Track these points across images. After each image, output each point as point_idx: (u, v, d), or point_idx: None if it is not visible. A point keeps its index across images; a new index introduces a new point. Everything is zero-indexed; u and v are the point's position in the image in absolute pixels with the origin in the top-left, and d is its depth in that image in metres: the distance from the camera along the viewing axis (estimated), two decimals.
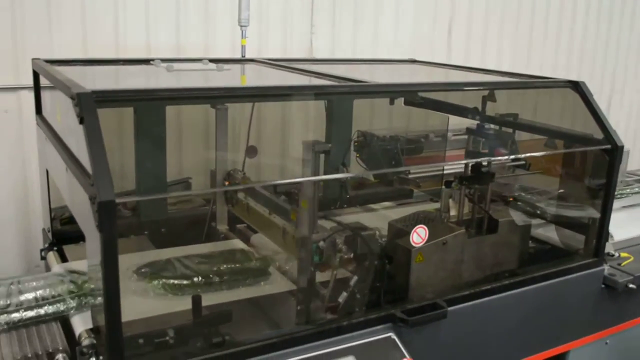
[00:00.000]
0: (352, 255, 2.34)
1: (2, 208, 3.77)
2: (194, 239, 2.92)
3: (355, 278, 2.34)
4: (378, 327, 2.24)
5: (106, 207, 1.66)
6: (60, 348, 2.07)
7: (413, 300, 2.41)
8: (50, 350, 2.06)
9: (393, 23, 4.82)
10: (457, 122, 3.48)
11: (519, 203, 3.23)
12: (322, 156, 2.39)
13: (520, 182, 3.57)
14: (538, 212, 3.15)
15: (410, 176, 3.69)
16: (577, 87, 2.84)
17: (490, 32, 5.27)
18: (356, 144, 3.55)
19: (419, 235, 2.35)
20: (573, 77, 5.21)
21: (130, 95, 2.07)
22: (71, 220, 2.99)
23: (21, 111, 3.76)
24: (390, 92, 3.07)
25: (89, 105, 1.79)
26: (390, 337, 2.22)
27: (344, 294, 2.31)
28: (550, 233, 3.15)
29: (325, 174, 3.40)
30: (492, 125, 3.24)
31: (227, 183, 2.91)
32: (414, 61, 3.83)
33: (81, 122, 1.77)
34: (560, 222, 3.08)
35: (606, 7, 5.94)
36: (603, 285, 2.87)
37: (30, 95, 3.68)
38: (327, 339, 2.15)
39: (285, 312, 2.40)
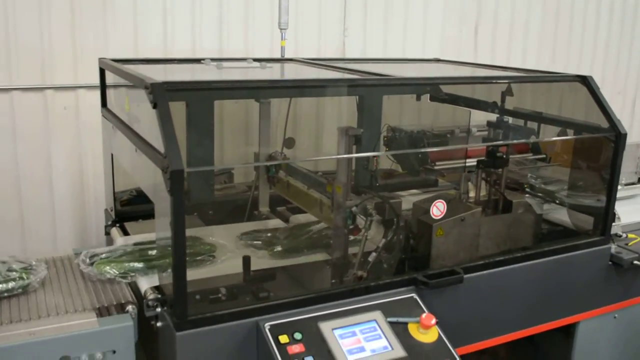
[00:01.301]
0: (380, 220, 2.75)
1: (61, 197, 4.25)
2: (238, 219, 3.37)
3: (383, 241, 2.75)
4: (402, 288, 2.64)
5: (177, 175, 2.10)
6: (130, 300, 2.52)
7: (434, 268, 2.81)
8: (122, 302, 2.51)
9: (421, 25, 5.23)
10: (482, 118, 3.88)
11: (535, 188, 3.60)
12: (353, 140, 2.79)
13: (540, 173, 3.94)
14: (551, 197, 3.52)
15: (435, 167, 4.09)
16: (585, 81, 3.21)
17: (516, 32, 5.64)
18: (386, 138, 3.96)
19: (438, 209, 2.75)
20: (597, 76, 5.59)
21: (193, 85, 2.52)
22: (130, 202, 3.48)
23: (78, 108, 4.24)
24: (408, 84, 3.49)
25: (160, 93, 2.23)
26: (412, 297, 2.62)
27: (373, 254, 2.72)
28: (564, 217, 3.52)
29: (356, 164, 3.85)
30: (510, 118, 3.63)
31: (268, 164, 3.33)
32: (437, 60, 4.24)
33: (154, 107, 2.21)
34: (571, 205, 3.45)
35: (631, 5, 6.26)
36: (610, 262, 3.22)
37: (87, 93, 4.20)
38: (358, 297, 2.55)
39: (323, 276, 2.82)
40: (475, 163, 3.36)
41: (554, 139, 3.46)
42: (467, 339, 2.85)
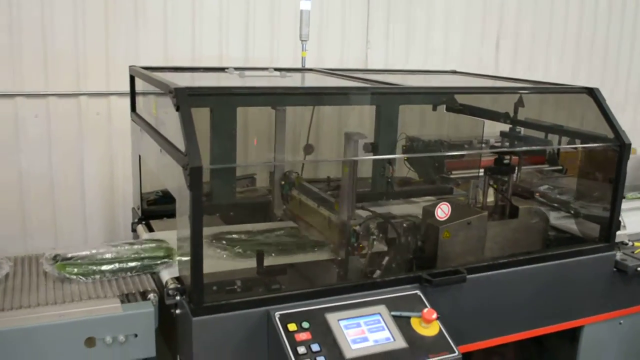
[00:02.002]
0: (383, 239, 2.97)
1: (91, 198, 4.54)
2: (255, 220, 3.60)
3: (387, 253, 2.96)
4: (407, 285, 2.84)
5: (196, 171, 2.33)
6: (152, 289, 2.76)
7: (439, 268, 3.00)
8: (144, 291, 2.75)
9: (443, 39, 5.44)
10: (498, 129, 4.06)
11: (545, 196, 3.77)
12: (360, 144, 3.00)
13: (556, 183, 4.11)
14: (560, 205, 3.69)
15: (451, 176, 4.28)
16: (592, 93, 3.38)
17: (537, 47, 5.81)
18: (404, 147, 4.16)
19: (442, 211, 2.95)
20: (620, 92, 5.72)
21: (213, 90, 2.77)
22: (155, 202, 3.74)
23: (110, 114, 4.53)
24: (416, 93, 3.70)
25: (183, 97, 2.47)
26: (417, 294, 2.81)
27: (380, 261, 2.94)
28: (574, 226, 3.68)
29: (373, 172, 4.07)
30: (521, 129, 3.81)
31: (282, 182, 3.56)
32: (454, 72, 4.44)
33: (177, 109, 2.45)
34: (578, 213, 3.61)
35: None
36: (615, 269, 3.37)
37: (118, 100, 4.49)
38: (364, 292, 2.75)
39: (331, 273, 3.04)
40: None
41: (558, 147, 3.64)
42: (470, 337, 3.02)
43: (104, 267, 2.84)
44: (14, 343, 2.42)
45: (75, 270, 2.81)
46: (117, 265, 2.85)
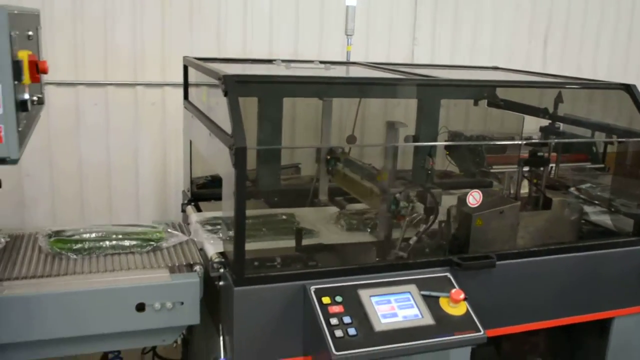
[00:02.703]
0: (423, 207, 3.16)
1: (145, 183, 4.87)
2: (299, 205, 3.84)
3: (423, 226, 3.15)
4: (438, 268, 3.03)
5: (240, 151, 2.58)
6: (198, 262, 3.03)
7: (471, 253, 3.18)
8: (191, 263, 3.02)
9: (490, 37, 5.58)
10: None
11: (582, 191, 3.90)
12: (400, 132, 3.21)
13: (596, 181, 4.24)
14: (596, 199, 3.83)
15: (491, 170, 4.44)
16: (628, 89, 3.51)
17: (586, 45, 5.89)
18: (446, 141, 4.34)
19: (474, 198, 3.13)
20: None
21: (259, 78, 3.02)
22: (204, 185, 4.02)
23: (165, 103, 4.85)
24: (453, 85, 3.87)
25: (231, 84, 2.72)
26: (446, 276, 2.99)
27: (414, 238, 3.13)
28: (609, 221, 3.81)
29: (414, 164, 4.26)
30: (560, 124, 3.95)
31: (328, 157, 3.79)
32: (496, 68, 4.60)
33: (225, 95, 2.71)
34: (613, 208, 3.73)
35: None
36: None
37: (172, 90, 4.79)
38: (397, 271, 2.96)
39: (366, 253, 3.25)
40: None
41: (589, 139, 3.78)
42: (498, 322, 3.19)
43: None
44: (77, 304, 2.73)
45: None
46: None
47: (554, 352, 3.72)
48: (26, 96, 2.42)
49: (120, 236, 3.19)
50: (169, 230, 3.35)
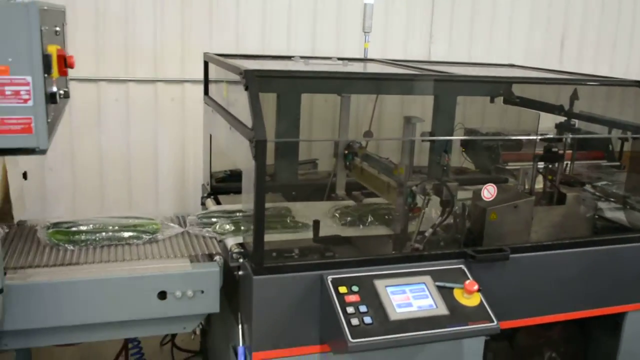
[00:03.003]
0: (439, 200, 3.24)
1: (164, 176, 5.00)
2: (316, 200, 3.94)
3: (439, 219, 3.23)
4: (452, 260, 3.11)
5: (261, 144, 2.67)
6: (218, 252, 3.13)
7: (485, 246, 3.26)
8: (211, 253, 3.12)
9: (507, 35, 5.65)
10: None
11: (597, 188, 3.97)
12: (417, 126, 3.29)
13: (611, 179, 4.30)
14: (610, 196, 3.89)
15: (507, 167, 4.51)
16: None
17: (603, 45, 5.94)
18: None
19: (488, 191, 3.21)
20: None
21: (279, 73, 3.12)
22: (223, 179, 4.13)
23: (184, 99, 4.96)
24: (467, 81, 3.93)
25: (251, 78, 2.82)
26: (461, 268, 3.07)
27: (430, 230, 3.21)
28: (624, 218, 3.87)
29: (429, 160, 4.33)
30: (575, 121, 4.02)
31: (346, 152, 3.88)
32: (512, 65, 4.67)
33: (246, 89, 2.80)
34: (627, 204, 3.80)
35: None
36: None
37: (191, 87, 4.91)
38: (413, 262, 3.04)
39: (382, 245, 3.34)
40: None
41: (602, 136, 3.84)
42: (511, 314, 3.26)
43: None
44: (102, 291, 2.84)
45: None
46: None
47: (568, 347, 3.78)
48: (55, 89, 2.53)
49: (116, 227, 3.29)
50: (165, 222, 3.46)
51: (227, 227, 3.29)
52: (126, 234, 3.26)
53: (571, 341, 3.76)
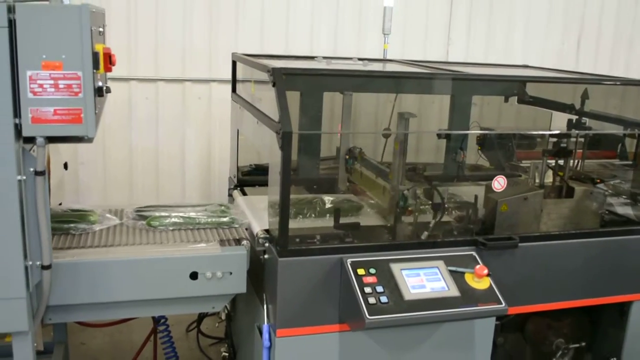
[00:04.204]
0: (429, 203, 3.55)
1: (191, 170, 5.33)
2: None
3: (433, 222, 3.52)
4: (464, 247, 3.38)
5: (287, 135, 2.96)
6: (245, 237, 3.42)
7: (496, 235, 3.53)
8: (239, 238, 3.41)
9: (523, 37, 5.91)
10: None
11: (605, 183, 4.21)
12: (410, 122, 3.56)
13: (623, 177, 4.54)
14: (619, 191, 4.14)
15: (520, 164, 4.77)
16: None
17: (619, 46, 6.18)
18: (479, 138, 4.68)
19: (499, 183, 3.48)
20: None
21: (304, 71, 3.42)
22: (249, 173, 4.43)
23: (210, 98, 5.29)
24: (480, 80, 4.21)
25: (278, 75, 3.11)
26: (472, 254, 3.34)
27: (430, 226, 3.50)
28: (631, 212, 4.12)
29: (445, 157, 4.60)
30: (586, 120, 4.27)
31: (347, 157, 4.16)
32: (526, 66, 4.94)
33: (273, 85, 3.10)
34: (636, 199, 4.04)
35: None
36: None
37: (218, 86, 5.23)
38: (427, 249, 3.32)
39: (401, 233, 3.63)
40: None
41: (610, 132, 4.10)
42: (520, 300, 3.52)
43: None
44: (139, 271, 3.14)
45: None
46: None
47: (576, 336, 4.01)
48: (101, 83, 2.86)
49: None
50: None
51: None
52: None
53: (580, 331, 4.00)
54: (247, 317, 3.74)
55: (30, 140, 2.67)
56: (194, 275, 3.21)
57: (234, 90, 4.37)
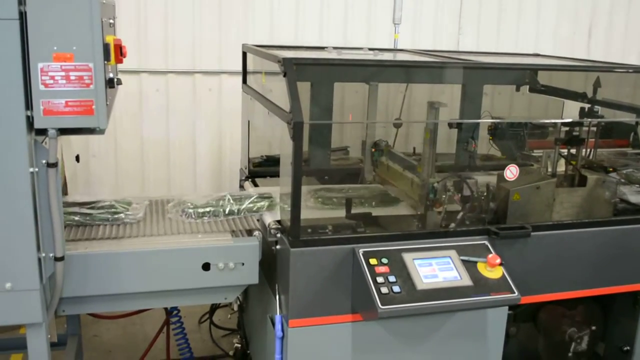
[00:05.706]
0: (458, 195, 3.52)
1: (201, 160, 5.34)
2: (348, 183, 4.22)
3: (460, 214, 3.51)
4: (477, 236, 3.36)
5: (298, 125, 2.95)
6: (257, 228, 3.42)
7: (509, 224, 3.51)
8: (251, 229, 3.41)
9: (534, 27, 5.87)
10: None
11: (619, 172, 4.18)
12: (440, 111, 3.55)
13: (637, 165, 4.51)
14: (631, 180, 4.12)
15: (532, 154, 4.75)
16: None
17: (630, 35, 6.12)
18: (490, 128, 4.66)
19: (511, 172, 3.46)
20: None
21: (314, 61, 3.41)
22: (260, 164, 4.42)
23: (221, 90, 5.28)
24: (492, 68, 4.24)
25: (289, 65, 3.10)
26: (484, 243, 3.32)
27: (456, 215, 3.48)
28: None
29: (457, 147, 4.58)
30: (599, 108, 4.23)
31: (373, 150, 4.15)
32: (536, 55, 4.90)
33: (284, 75, 3.08)
34: None
35: None
36: None
37: (228, 78, 5.23)
38: (440, 238, 3.30)
39: (410, 225, 3.61)
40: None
41: (620, 120, 4.07)
42: (532, 290, 3.49)
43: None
44: (152, 262, 3.15)
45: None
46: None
47: (589, 326, 3.99)
48: (112, 75, 2.85)
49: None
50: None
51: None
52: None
53: (593, 320, 3.98)
54: (259, 308, 3.74)
55: (42, 132, 2.67)
56: (206, 266, 3.21)
57: (244, 81, 4.36)
